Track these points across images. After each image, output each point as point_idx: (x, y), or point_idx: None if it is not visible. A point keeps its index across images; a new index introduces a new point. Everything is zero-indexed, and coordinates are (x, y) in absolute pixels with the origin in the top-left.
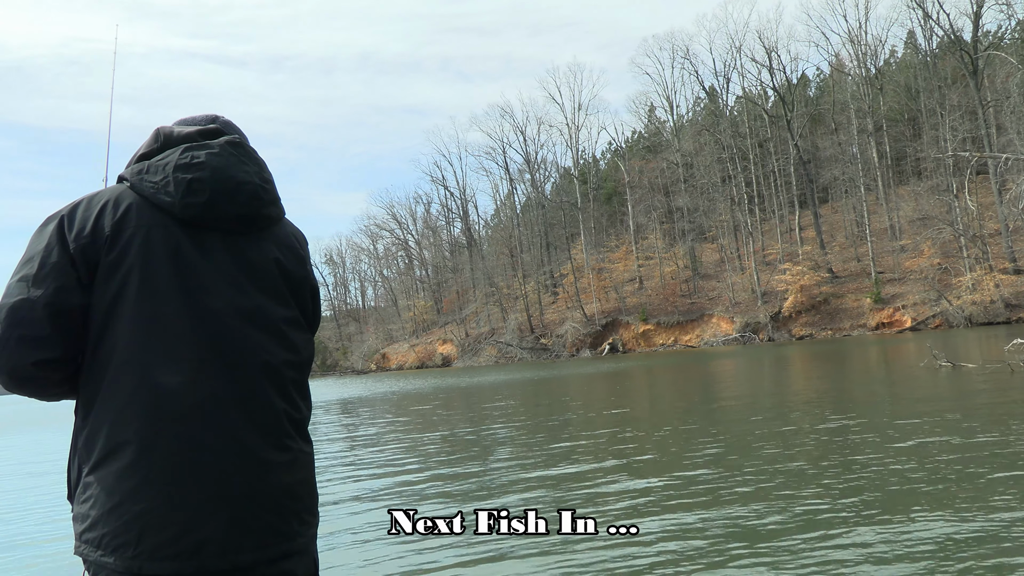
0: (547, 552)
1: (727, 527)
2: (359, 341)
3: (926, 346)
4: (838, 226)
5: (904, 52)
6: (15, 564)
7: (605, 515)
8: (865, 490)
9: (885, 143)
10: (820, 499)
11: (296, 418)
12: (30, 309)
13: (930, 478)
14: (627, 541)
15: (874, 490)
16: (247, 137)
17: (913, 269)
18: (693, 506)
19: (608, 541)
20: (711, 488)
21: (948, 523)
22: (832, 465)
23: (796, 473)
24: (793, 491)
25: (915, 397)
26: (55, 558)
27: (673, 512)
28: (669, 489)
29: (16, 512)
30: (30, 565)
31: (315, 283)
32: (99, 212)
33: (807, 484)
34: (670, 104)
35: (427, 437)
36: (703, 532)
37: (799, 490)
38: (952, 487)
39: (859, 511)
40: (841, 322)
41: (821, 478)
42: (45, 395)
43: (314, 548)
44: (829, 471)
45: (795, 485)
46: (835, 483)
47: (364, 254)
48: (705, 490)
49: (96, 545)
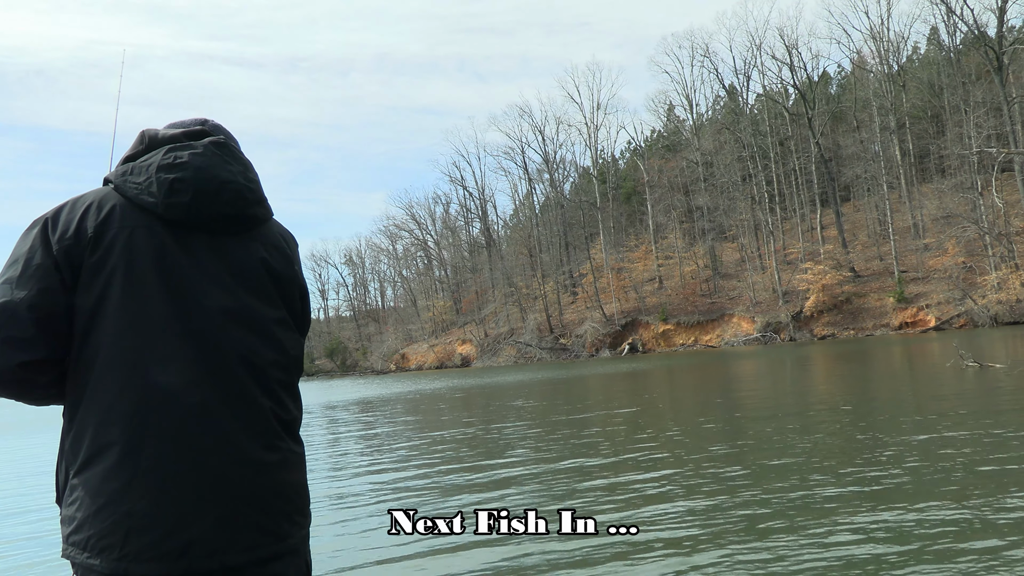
0: (547, 552)
1: (737, 528)
2: (379, 341)
3: (952, 346)
4: (860, 225)
5: (927, 48)
6: (6, 567)
7: (631, 514)
8: (903, 500)
9: (908, 140)
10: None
11: (285, 418)
12: (13, 311)
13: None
14: (625, 541)
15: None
16: (237, 140)
17: (937, 268)
18: (699, 508)
19: (606, 540)
20: (724, 488)
21: (986, 535)
22: (867, 469)
23: (830, 478)
24: (826, 498)
25: (940, 395)
26: (45, 562)
27: (678, 513)
28: (676, 490)
29: (8, 515)
30: (22, 566)
31: (304, 284)
32: (82, 214)
33: (842, 491)
34: (689, 102)
35: (442, 436)
36: (710, 535)
37: (833, 500)
38: (999, 493)
39: (886, 521)
40: (863, 322)
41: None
42: (32, 398)
43: (306, 550)
44: (866, 477)
45: (828, 491)
46: (873, 489)
47: (383, 254)
48: (717, 490)
49: (82, 547)
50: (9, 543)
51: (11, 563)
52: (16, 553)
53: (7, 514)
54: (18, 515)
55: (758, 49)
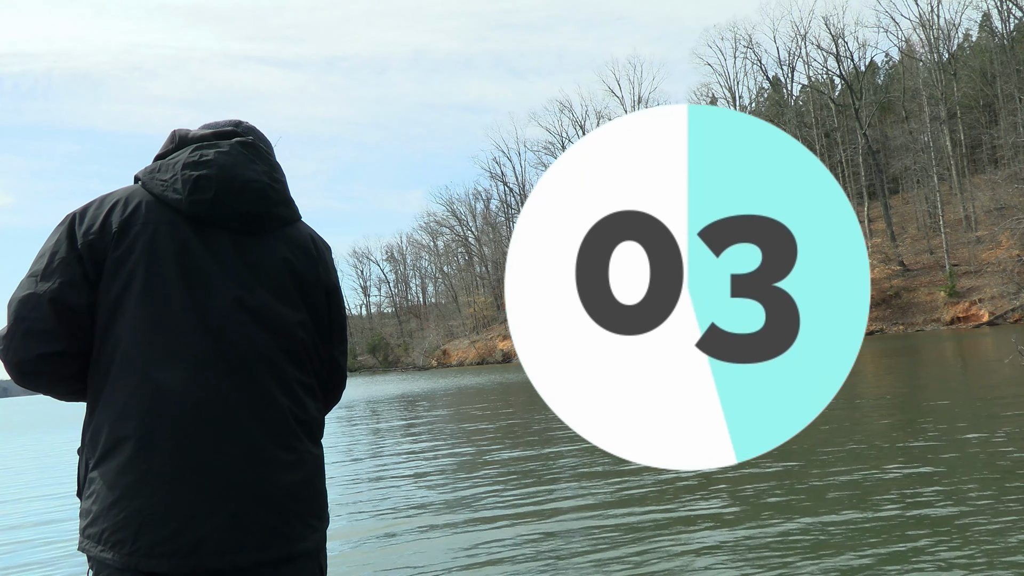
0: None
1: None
2: (420, 337)
3: (1011, 341)
4: (909, 217)
5: (979, 35)
6: (26, 558)
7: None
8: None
9: (959, 130)
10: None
11: (303, 419)
12: (36, 303)
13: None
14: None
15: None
16: (270, 142)
17: (990, 261)
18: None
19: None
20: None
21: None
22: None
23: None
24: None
25: (1004, 394)
26: (65, 554)
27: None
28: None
29: (29, 506)
30: (40, 561)
31: (333, 284)
32: (109, 210)
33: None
34: (733, 95)
35: (482, 427)
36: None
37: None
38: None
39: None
40: (913, 317)
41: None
42: (57, 391)
43: (320, 554)
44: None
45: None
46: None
47: (424, 251)
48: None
49: (96, 540)
50: (32, 533)
51: (30, 557)
52: (36, 545)
53: (31, 504)
54: (40, 507)
55: (803, 39)
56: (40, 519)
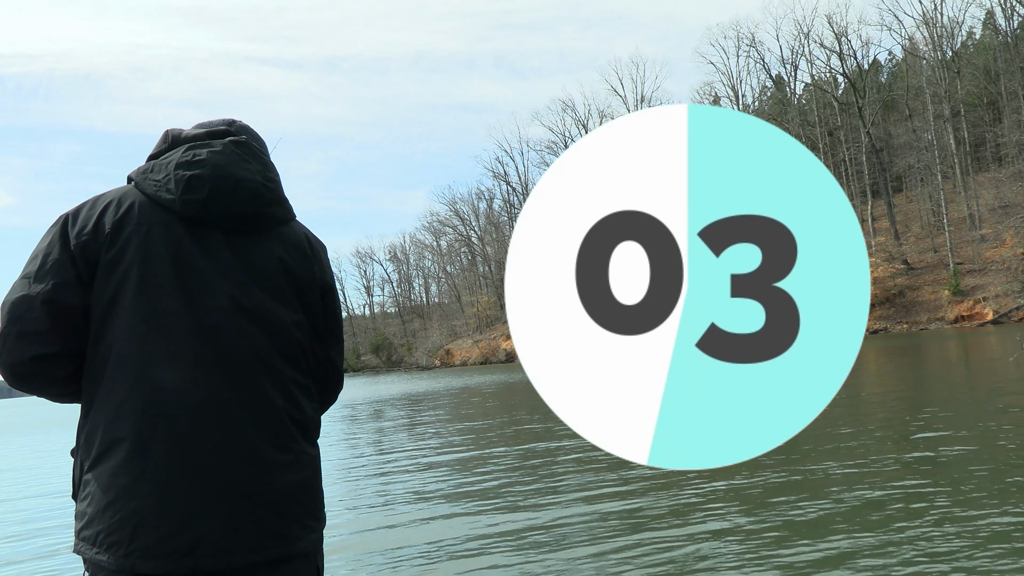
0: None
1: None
2: (423, 337)
3: (1015, 339)
4: (913, 216)
5: (983, 33)
6: (22, 560)
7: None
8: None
9: (963, 128)
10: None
11: (299, 419)
12: (29, 305)
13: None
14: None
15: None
16: (264, 142)
17: (995, 259)
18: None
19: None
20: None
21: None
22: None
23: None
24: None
25: (1009, 392)
26: (61, 556)
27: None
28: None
29: (25, 509)
30: (37, 563)
31: (328, 283)
32: (102, 211)
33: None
34: (736, 94)
35: (485, 424)
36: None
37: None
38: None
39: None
40: (917, 315)
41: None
42: (51, 393)
43: (317, 555)
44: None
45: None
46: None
47: (427, 251)
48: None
49: (92, 543)
50: (27, 536)
51: (26, 560)
52: (31, 547)
53: (27, 507)
54: (36, 510)
55: (806, 37)
56: (37, 521)
